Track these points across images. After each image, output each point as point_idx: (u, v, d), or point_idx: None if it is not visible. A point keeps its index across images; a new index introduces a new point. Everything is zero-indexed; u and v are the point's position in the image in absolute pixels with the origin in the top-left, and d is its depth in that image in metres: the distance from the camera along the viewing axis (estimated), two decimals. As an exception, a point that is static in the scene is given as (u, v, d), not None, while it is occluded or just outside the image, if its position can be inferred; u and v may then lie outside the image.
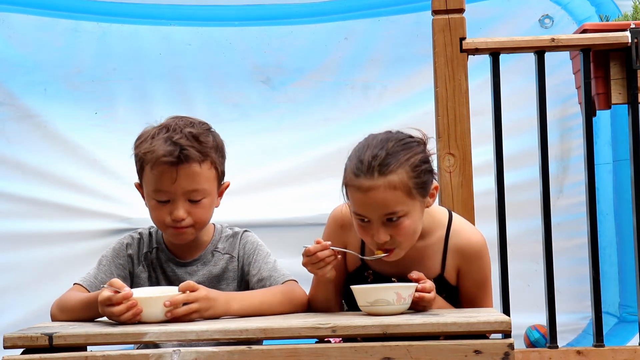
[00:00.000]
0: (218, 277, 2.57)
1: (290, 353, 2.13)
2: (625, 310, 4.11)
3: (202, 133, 2.49)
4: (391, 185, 2.34)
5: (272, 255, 2.59)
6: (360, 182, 2.35)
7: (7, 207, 4.13)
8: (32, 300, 4.05)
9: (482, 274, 2.50)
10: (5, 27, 4.19)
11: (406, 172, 2.36)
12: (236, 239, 2.61)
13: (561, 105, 4.19)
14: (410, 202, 2.37)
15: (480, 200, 3.31)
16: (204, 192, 2.48)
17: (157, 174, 2.45)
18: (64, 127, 4.19)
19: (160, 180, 2.45)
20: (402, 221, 2.37)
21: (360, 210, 2.37)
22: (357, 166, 2.37)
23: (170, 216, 2.47)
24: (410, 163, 2.37)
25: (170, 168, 2.44)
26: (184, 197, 2.46)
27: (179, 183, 2.44)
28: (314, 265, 2.36)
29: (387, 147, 2.37)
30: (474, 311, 2.36)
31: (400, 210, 2.36)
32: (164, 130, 2.48)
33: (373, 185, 2.34)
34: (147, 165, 2.47)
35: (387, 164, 2.35)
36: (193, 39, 4.27)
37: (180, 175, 2.44)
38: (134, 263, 2.58)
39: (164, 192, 2.46)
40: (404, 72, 4.25)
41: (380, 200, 2.34)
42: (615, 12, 3.98)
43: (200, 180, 2.46)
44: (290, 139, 4.26)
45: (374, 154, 2.36)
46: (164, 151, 2.43)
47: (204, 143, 2.47)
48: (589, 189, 3.34)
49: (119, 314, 2.25)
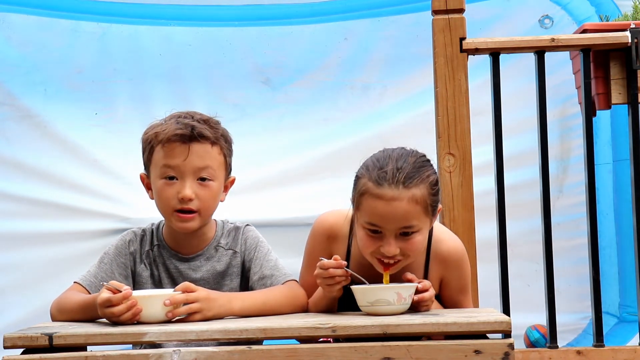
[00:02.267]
0: (222, 273, 2.57)
1: (290, 353, 2.13)
2: (625, 310, 4.11)
3: (212, 120, 2.55)
4: (414, 199, 2.35)
5: (272, 252, 2.59)
6: (384, 192, 2.34)
7: (7, 207, 4.13)
8: (32, 300, 4.05)
9: (463, 280, 2.55)
10: (5, 27, 4.19)
11: (426, 189, 2.38)
12: (238, 234, 2.61)
13: (561, 105, 4.19)
14: (424, 218, 2.39)
15: (480, 200, 3.31)
16: (213, 173, 2.50)
17: (169, 150, 2.48)
18: (64, 127, 4.19)
19: (172, 156, 2.47)
20: (415, 236, 2.38)
21: (377, 220, 2.36)
22: (380, 175, 2.36)
23: (178, 196, 2.47)
24: (430, 181, 2.39)
25: (182, 144, 2.47)
26: (193, 175, 2.48)
27: (190, 160, 2.47)
28: (325, 280, 2.36)
29: (409, 161, 2.38)
30: (474, 311, 2.36)
31: (416, 225, 2.37)
32: (175, 117, 2.53)
33: (397, 196, 2.34)
34: (157, 145, 2.49)
35: (411, 177, 2.36)
36: (193, 39, 4.27)
37: (192, 152, 2.47)
38: (135, 261, 2.58)
39: (173, 169, 2.47)
40: (404, 72, 4.25)
41: (401, 212, 2.34)
42: (615, 12, 3.98)
43: (210, 159, 2.49)
44: (290, 139, 4.26)
45: (398, 166, 2.36)
46: (177, 128, 2.47)
47: (215, 128, 2.52)
48: (589, 189, 3.34)
49: (119, 314, 2.24)
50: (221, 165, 2.53)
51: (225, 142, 2.55)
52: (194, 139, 2.47)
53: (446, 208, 3.16)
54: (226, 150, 2.55)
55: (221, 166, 2.53)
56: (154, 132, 2.51)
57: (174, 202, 2.48)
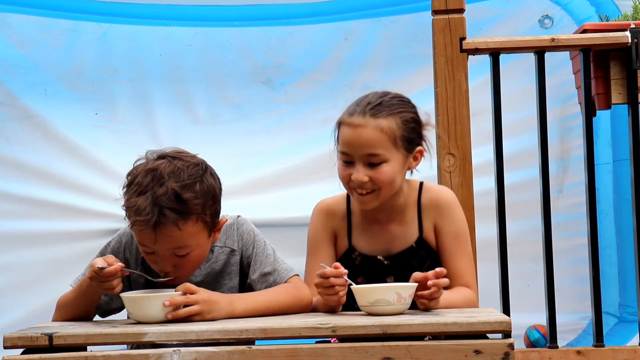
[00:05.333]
0: (221, 272, 2.55)
1: (290, 353, 2.13)
2: (625, 310, 4.11)
3: (187, 185, 2.38)
4: (379, 127, 2.52)
5: (268, 244, 2.57)
6: (352, 120, 2.54)
7: (7, 207, 4.13)
8: (32, 300, 4.05)
9: (455, 225, 2.61)
10: (5, 28, 4.19)
11: (395, 122, 2.54)
12: (232, 230, 2.57)
13: (561, 105, 4.19)
14: (393, 150, 2.53)
15: (480, 200, 3.31)
16: (189, 247, 2.41)
17: (139, 232, 2.41)
18: (64, 127, 4.19)
19: (143, 239, 2.41)
20: (383, 166, 2.52)
21: (346, 147, 2.54)
22: (353, 107, 2.57)
23: (159, 269, 2.45)
24: (401, 116, 2.56)
25: (149, 231, 2.37)
26: (168, 252, 2.41)
27: (159, 244, 2.39)
28: (325, 290, 2.37)
29: (384, 97, 2.58)
30: (473, 311, 2.36)
31: (382, 154, 2.52)
32: (149, 177, 2.39)
33: (363, 123, 2.52)
34: (130, 221, 2.42)
35: (380, 109, 2.54)
36: (193, 39, 4.27)
37: (160, 237, 2.37)
38: (130, 267, 2.55)
39: (147, 247, 2.42)
40: (404, 72, 4.24)
41: (366, 138, 2.51)
42: (615, 12, 3.98)
43: (182, 239, 2.39)
44: (290, 139, 4.26)
45: (370, 100, 2.56)
46: (142, 214, 2.35)
47: (187, 200, 2.37)
48: (589, 189, 3.34)
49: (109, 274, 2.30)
50: (200, 232, 2.42)
51: (206, 199, 2.41)
52: (158, 225, 2.35)
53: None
54: (207, 210, 2.42)
55: (200, 232, 2.42)
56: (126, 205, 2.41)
57: (157, 269, 2.46)
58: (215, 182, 2.47)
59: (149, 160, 2.45)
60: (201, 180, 2.42)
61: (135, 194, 2.39)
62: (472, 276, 2.60)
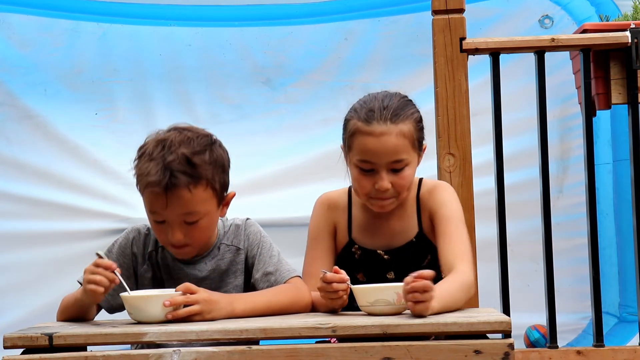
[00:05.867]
0: (226, 270, 2.56)
1: (290, 353, 2.13)
2: (625, 310, 4.11)
3: (197, 151, 2.43)
4: (402, 133, 2.50)
5: (275, 246, 2.59)
6: (373, 128, 2.49)
7: (7, 207, 4.13)
8: (32, 300, 4.05)
9: (447, 209, 2.57)
10: (5, 28, 4.19)
11: (412, 124, 2.54)
12: (240, 230, 2.59)
13: (561, 105, 4.20)
14: (412, 153, 2.53)
15: (480, 200, 3.31)
16: (198, 214, 2.43)
17: (149, 197, 2.43)
18: (64, 127, 4.19)
19: (153, 204, 2.43)
20: (405, 170, 2.52)
21: (369, 156, 2.49)
22: (368, 114, 2.51)
23: (168, 238, 2.46)
24: (414, 117, 2.56)
25: (160, 194, 2.40)
26: (178, 219, 2.43)
27: (170, 208, 2.41)
28: (327, 294, 2.36)
29: (394, 100, 2.54)
30: (474, 311, 2.36)
31: (406, 158, 2.51)
32: (159, 147, 2.43)
33: (386, 131, 2.49)
34: (141, 186, 2.45)
35: (398, 113, 2.51)
36: (193, 39, 4.27)
37: (171, 201, 2.40)
38: (138, 262, 2.57)
39: (158, 214, 2.44)
40: (404, 72, 4.24)
41: (392, 145, 2.49)
42: (615, 12, 3.98)
43: (192, 204, 2.41)
44: (290, 139, 4.26)
45: (384, 104, 2.52)
46: (153, 177, 2.39)
47: (197, 165, 2.41)
48: (589, 189, 3.34)
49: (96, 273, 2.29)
50: (209, 199, 2.45)
51: (215, 167, 2.46)
52: (170, 187, 2.39)
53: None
54: (216, 177, 2.46)
55: (209, 199, 2.45)
56: (138, 173, 2.45)
57: (166, 241, 2.48)
58: (224, 154, 2.53)
59: (159, 134, 2.50)
60: (211, 149, 2.48)
61: (146, 161, 2.43)
62: (463, 258, 2.47)
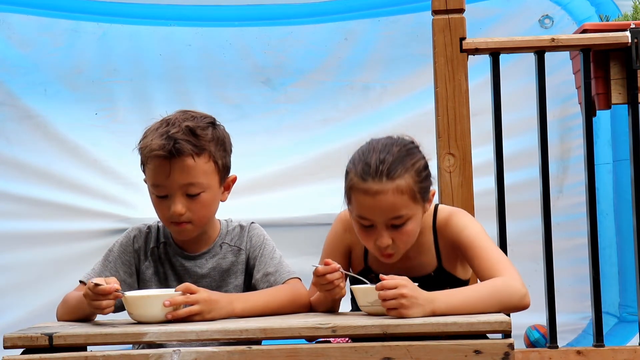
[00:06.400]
0: (227, 270, 2.57)
1: (290, 353, 2.13)
2: (625, 310, 4.11)
3: (200, 126, 2.48)
4: (399, 190, 2.37)
5: (277, 250, 2.59)
6: (368, 186, 2.37)
7: (7, 207, 4.13)
8: (32, 300, 4.05)
9: (467, 231, 2.45)
10: (5, 28, 4.19)
11: (412, 177, 2.39)
12: (244, 232, 2.60)
13: (561, 105, 4.19)
14: (414, 206, 2.40)
15: (480, 200, 3.31)
16: (200, 185, 2.46)
17: (153, 168, 2.46)
18: (64, 127, 4.19)
19: (157, 175, 2.45)
20: (406, 225, 2.39)
21: (366, 213, 2.39)
22: (364, 170, 2.38)
23: (169, 212, 2.47)
24: (415, 168, 2.41)
25: (163, 162, 2.43)
26: (180, 191, 2.45)
27: (173, 177, 2.43)
28: (323, 287, 2.35)
29: (392, 151, 2.40)
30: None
31: (406, 214, 2.38)
32: (164, 124, 2.49)
33: (382, 189, 2.36)
34: (145, 159, 2.48)
35: (395, 168, 2.37)
36: (193, 39, 4.27)
37: (174, 169, 2.43)
38: (140, 259, 2.58)
39: (161, 187, 2.46)
40: (404, 72, 4.25)
41: (388, 204, 2.36)
42: (615, 12, 3.98)
43: (195, 173, 2.44)
44: (290, 139, 4.26)
45: (381, 158, 2.38)
46: (157, 145, 2.43)
47: (200, 136, 2.46)
48: (589, 189, 3.34)
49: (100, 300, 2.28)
50: (211, 173, 2.48)
51: (217, 144, 2.50)
52: (174, 155, 2.42)
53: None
54: (218, 154, 2.49)
55: (211, 173, 2.48)
56: (142, 145, 2.49)
57: (167, 216, 2.48)
58: (226, 135, 2.56)
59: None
60: (213, 127, 2.52)
61: (150, 134, 2.48)
62: (499, 268, 2.37)
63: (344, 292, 2.40)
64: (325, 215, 3.94)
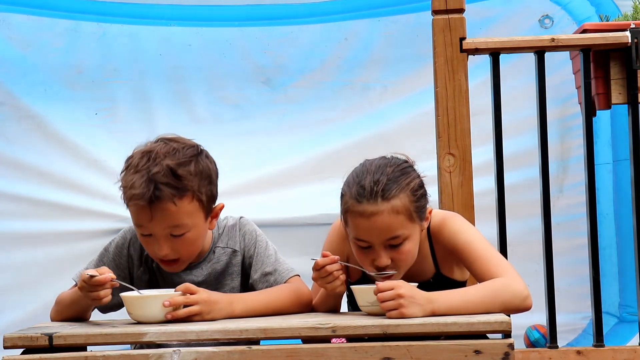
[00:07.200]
0: (222, 272, 2.55)
1: (290, 353, 2.13)
2: (625, 310, 4.11)
3: (182, 162, 2.40)
4: (394, 210, 2.35)
5: (270, 244, 2.56)
6: (364, 208, 2.35)
7: (7, 207, 4.13)
8: (32, 300, 4.05)
9: (463, 235, 2.45)
10: (5, 27, 4.19)
11: (407, 197, 2.37)
12: (234, 231, 2.58)
13: (561, 105, 4.19)
14: (410, 225, 2.38)
15: (480, 200, 3.32)
16: (184, 227, 2.40)
17: (135, 211, 2.40)
18: (64, 127, 4.19)
19: (139, 217, 2.40)
20: (404, 245, 2.38)
21: (363, 235, 2.37)
22: (359, 192, 2.37)
23: (155, 252, 2.44)
24: (410, 187, 2.39)
25: (144, 207, 2.37)
26: (164, 232, 2.40)
27: (155, 222, 2.38)
28: (324, 280, 2.35)
29: (387, 172, 2.39)
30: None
31: (402, 234, 2.37)
32: (145, 159, 2.40)
33: (377, 211, 2.35)
34: (126, 199, 2.42)
35: (389, 188, 2.36)
36: (193, 39, 4.27)
37: (156, 214, 2.37)
38: (134, 264, 2.56)
39: (144, 227, 2.41)
40: (404, 72, 4.25)
41: (384, 225, 2.35)
42: (615, 12, 3.98)
43: (178, 217, 2.38)
44: (290, 139, 4.26)
45: (375, 180, 2.36)
46: (137, 190, 2.36)
47: (182, 176, 2.38)
48: (589, 189, 3.34)
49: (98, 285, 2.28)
50: (195, 211, 2.42)
51: (201, 179, 2.42)
52: (154, 200, 2.35)
53: (446, 208, 3.16)
54: (203, 189, 2.42)
55: (196, 212, 2.42)
56: (123, 185, 2.42)
57: (153, 253, 2.45)
58: (211, 165, 2.48)
59: (146, 145, 2.47)
60: (197, 160, 2.43)
61: (131, 173, 2.40)
62: (498, 271, 2.37)
63: (345, 287, 2.40)
64: (325, 215, 3.94)
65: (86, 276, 2.29)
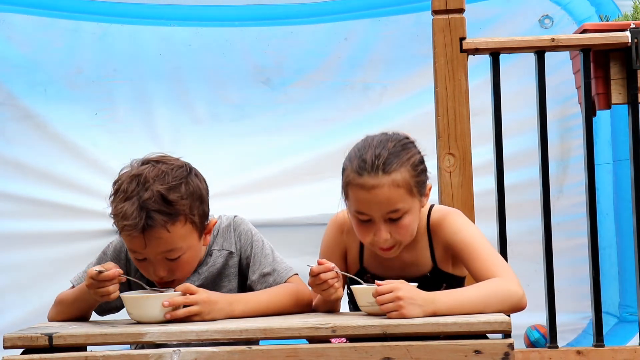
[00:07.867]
0: (219, 275, 2.55)
1: (290, 353, 2.13)
2: (625, 310, 4.11)
3: (173, 188, 2.38)
4: (395, 183, 2.38)
5: (266, 243, 2.56)
6: (365, 180, 2.38)
7: (7, 207, 4.13)
8: (32, 300, 4.05)
9: (462, 233, 2.46)
10: (5, 27, 4.19)
11: (408, 171, 2.40)
12: (229, 231, 2.56)
13: (561, 105, 4.19)
14: (410, 200, 2.41)
15: (480, 200, 3.31)
16: (179, 250, 2.40)
17: (127, 238, 2.39)
18: (64, 127, 4.19)
19: (132, 244, 2.40)
20: (404, 219, 2.41)
21: (363, 208, 2.40)
22: (360, 165, 2.40)
23: (152, 275, 2.43)
24: (411, 162, 2.42)
25: (137, 236, 2.36)
26: (159, 257, 2.40)
27: (149, 248, 2.37)
28: (319, 287, 2.36)
29: (388, 146, 2.42)
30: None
31: (402, 207, 2.40)
32: (134, 183, 2.39)
33: (378, 183, 2.38)
34: (118, 227, 2.41)
35: (390, 162, 2.39)
36: (193, 39, 4.27)
37: (150, 242, 2.36)
38: (131, 268, 2.55)
39: (138, 253, 2.41)
40: (404, 72, 4.25)
41: (384, 198, 2.38)
42: (615, 12, 3.98)
43: (172, 241, 2.38)
44: (290, 139, 4.26)
45: (376, 153, 2.40)
46: (130, 220, 2.34)
47: (173, 202, 2.36)
48: (589, 189, 3.34)
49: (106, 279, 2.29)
50: (189, 233, 2.41)
51: (193, 201, 2.40)
52: (147, 229, 2.34)
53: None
54: (195, 211, 2.40)
55: (189, 234, 2.41)
56: (113, 212, 2.40)
57: (151, 277, 2.45)
58: (201, 183, 2.46)
59: (133, 167, 2.44)
60: (186, 182, 2.42)
61: (121, 200, 2.39)
62: (496, 270, 2.38)
63: (341, 293, 2.40)
64: (325, 215, 3.93)
65: (94, 272, 2.29)
